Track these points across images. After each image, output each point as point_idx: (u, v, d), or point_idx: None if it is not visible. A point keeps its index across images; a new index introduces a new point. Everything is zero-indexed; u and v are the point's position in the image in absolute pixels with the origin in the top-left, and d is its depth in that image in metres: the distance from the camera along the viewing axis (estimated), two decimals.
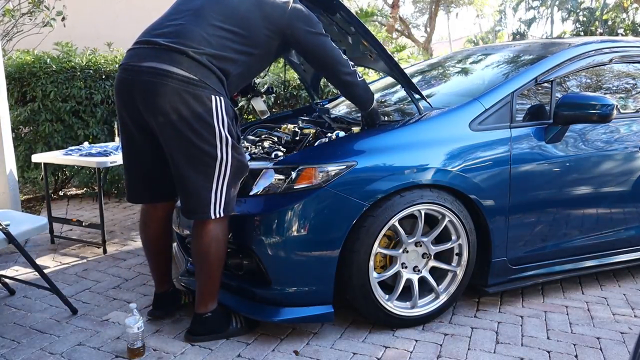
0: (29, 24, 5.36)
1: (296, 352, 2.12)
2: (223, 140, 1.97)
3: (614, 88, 2.94)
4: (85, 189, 4.73)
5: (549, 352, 2.16)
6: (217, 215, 2.02)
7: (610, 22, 10.61)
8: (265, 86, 2.72)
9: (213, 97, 1.94)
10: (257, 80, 2.69)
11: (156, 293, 2.38)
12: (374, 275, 2.20)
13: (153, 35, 1.99)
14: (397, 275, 2.30)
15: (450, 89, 3.01)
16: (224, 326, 2.19)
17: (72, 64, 4.38)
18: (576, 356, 2.14)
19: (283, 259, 2.11)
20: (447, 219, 2.29)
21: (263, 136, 2.87)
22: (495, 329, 2.35)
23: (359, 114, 2.94)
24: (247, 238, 2.16)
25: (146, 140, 2.07)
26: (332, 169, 2.12)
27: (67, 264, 3.08)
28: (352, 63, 2.24)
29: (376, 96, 3.30)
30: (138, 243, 3.47)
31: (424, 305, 2.35)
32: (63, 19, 5.25)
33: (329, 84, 3.29)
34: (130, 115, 2.03)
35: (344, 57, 2.19)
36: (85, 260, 3.14)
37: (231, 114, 2.02)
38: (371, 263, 2.17)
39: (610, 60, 2.81)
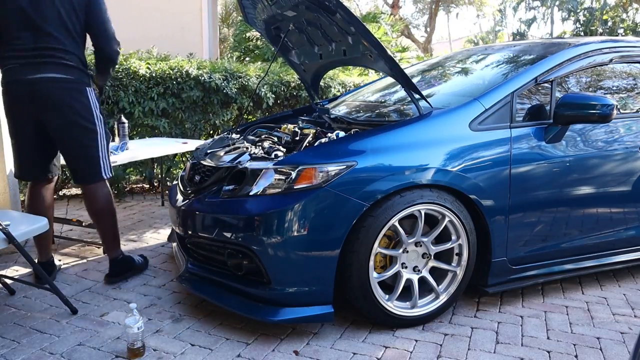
0: None
1: (296, 352, 2.12)
2: (98, 119, 2.63)
3: (614, 88, 2.94)
4: None
5: (549, 352, 2.16)
6: (107, 175, 2.69)
7: (610, 22, 10.60)
8: None
9: (87, 89, 2.59)
10: None
11: (40, 262, 2.76)
12: (374, 275, 2.21)
13: (30, 50, 2.44)
14: (397, 275, 2.30)
15: (450, 89, 3.01)
16: (132, 263, 2.83)
17: None
18: (576, 356, 2.14)
19: (283, 259, 2.11)
20: (447, 219, 2.29)
21: (263, 136, 2.88)
22: (495, 329, 2.35)
23: (359, 114, 2.95)
24: (247, 238, 2.16)
25: (37, 131, 2.57)
26: (332, 169, 2.12)
27: (67, 264, 3.08)
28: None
29: (376, 96, 3.32)
30: (138, 243, 3.47)
31: (424, 305, 2.35)
32: None
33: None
34: (28, 115, 2.53)
35: (115, 35, 2.63)
36: (85, 260, 3.14)
37: (98, 98, 2.70)
38: (371, 263, 2.17)
39: (611, 61, 2.81)
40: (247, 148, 2.61)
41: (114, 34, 2.61)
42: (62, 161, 2.77)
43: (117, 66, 4.31)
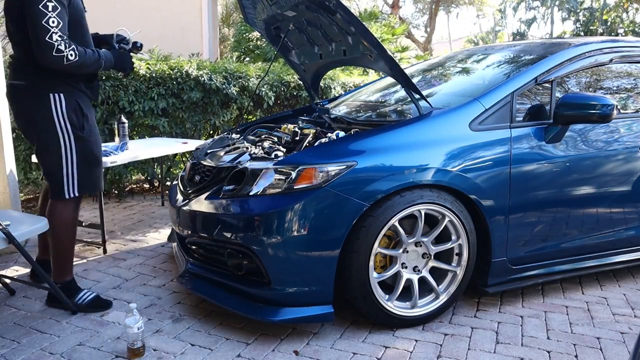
0: None
1: (296, 352, 2.12)
2: (64, 130, 2.33)
3: (614, 88, 2.94)
4: None
5: (549, 352, 2.16)
6: (71, 195, 2.40)
7: (610, 22, 10.61)
8: (131, 42, 2.60)
9: (51, 95, 2.30)
10: (127, 36, 2.59)
11: (41, 260, 2.68)
12: (374, 275, 2.21)
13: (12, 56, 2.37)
14: (397, 275, 2.30)
15: (450, 89, 3.01)
16: (71, 298, 2.43)
17: None
18: (576, 356, 2.14)
19: (283, 259, 2.11)
20: (447, 219, 2.29)
21: (263, 136, 2.88)
22: (495, 329, 2.35)
23: (359, 114, 2.95)
24: (247, 238, 2.16)
25: None
26: (332, 169, 2.12)
27: None
28: (65, 45, 2.19)
29: (376, 96, 3.32)
30: (138, 243, 3.47)
31: (424, 305, 2.35)
32: None
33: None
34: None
35: (53, 39, 2.16)
36: (85, 260, 3.14)
37: (73, 107, 2.35)
38: (371, 263, 2.17)
39: (610, 60, 2.81)
40: (247, 148, 2.61)
41: (45, 40, 2.15)
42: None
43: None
